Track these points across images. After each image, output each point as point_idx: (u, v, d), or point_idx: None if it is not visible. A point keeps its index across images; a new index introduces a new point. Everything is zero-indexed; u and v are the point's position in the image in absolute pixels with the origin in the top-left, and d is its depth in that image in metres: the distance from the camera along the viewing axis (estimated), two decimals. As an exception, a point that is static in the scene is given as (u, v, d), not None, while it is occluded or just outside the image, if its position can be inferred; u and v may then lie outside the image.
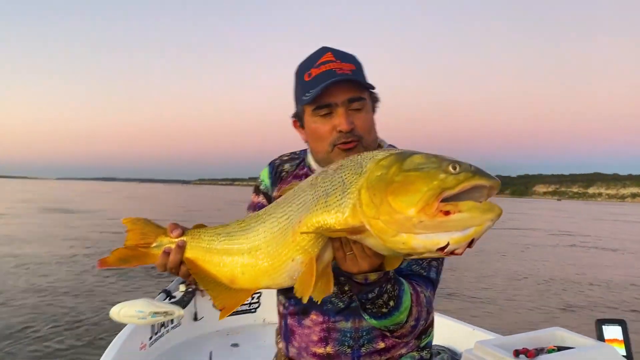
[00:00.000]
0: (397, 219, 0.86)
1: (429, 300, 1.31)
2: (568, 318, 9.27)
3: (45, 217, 28.35)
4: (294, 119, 1.49)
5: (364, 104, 1.38)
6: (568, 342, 2.38)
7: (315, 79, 1.34)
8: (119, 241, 4.54)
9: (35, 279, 10.55)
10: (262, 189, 1.66)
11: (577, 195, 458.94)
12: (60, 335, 6.83)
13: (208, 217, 30.64)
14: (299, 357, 1.54)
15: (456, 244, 0.85)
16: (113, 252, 1.23)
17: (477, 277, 13.22)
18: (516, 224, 36.67)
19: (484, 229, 0.86)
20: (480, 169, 0.89)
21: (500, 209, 0.86)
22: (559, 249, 20.93)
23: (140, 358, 3.43)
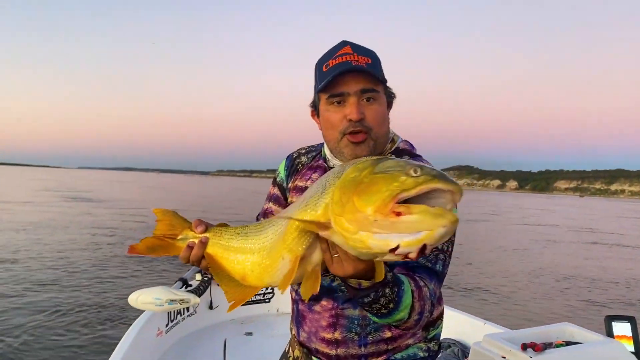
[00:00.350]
0: (357, 217, 0.88)
1: (432, 292, 1.32)
2: (580, 314, 9.25)
3: (69, 205, 28.89)
4: (312, 109, 1.54)
5: (377, 97, 1.41)
6: (577, 337, 2.38)
7: (331, 69, 1.38)
8: (141, 230, 4.70)
9: (60, 265, 10.79)
10: (278, 180, 1.73)
11: (599, 192, 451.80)
12: (81, 320, 7.00)
13: (230, 208, 31.17)
14: (309, 342, 1.59)
15: (406, 246, 0.85)
16: (142, 241, 1.28)
17: (492, 271, 13.19)
18: (538, 220, 36.42)
19: (436, 234, 0.84)
20: (444, 174, 0.88)
21: (455, 216, 0.85)
22: (578, 246, 20.74)
23: (157, 344, 3.51)
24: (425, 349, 1.54)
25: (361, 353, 1.49)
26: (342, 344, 1.49)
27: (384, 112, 1.45)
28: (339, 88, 1.38)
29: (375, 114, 1.40)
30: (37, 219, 19.99)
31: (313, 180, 1.59)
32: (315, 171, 1.62)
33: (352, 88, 1.37)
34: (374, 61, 1.41)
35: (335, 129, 1.42)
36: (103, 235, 15.97)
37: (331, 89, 1.40)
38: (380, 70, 1.42)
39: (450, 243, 1.40)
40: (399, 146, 1.53)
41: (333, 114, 1.42)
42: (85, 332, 6.53)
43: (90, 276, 9.82)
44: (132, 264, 11.04)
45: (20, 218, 19.99)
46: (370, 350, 1.48)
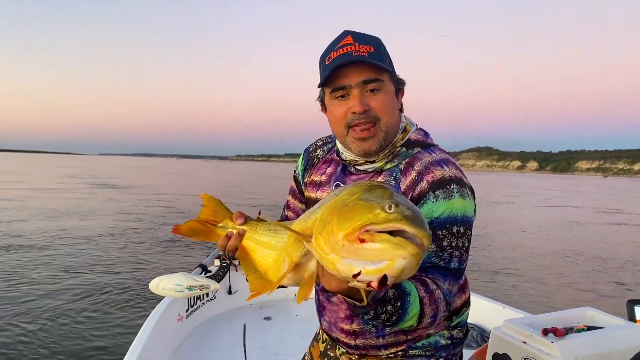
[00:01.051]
0: (330, 239, 0.90)
1: (447, 293, 1.29)
2: (601, 298, 9.16)
3: (97, 192, 29.51)
4: (320, 103, 1.51)
5: (382, 86, 1.36)
6: (598, 322, 2.36)
7: (332, 62, 1.34)
8: (168, 215, 4.78)
9: (87, 251, 11.06)
10: (296, 174, 1.73)
11: (622, 172, 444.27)
12: (104, 306, 7.15)
13: (252, 193, 31.32)
14: (330, 331, 1.60)
15: (367, 274, 0.85)
16: (187, 223, 1.32)
17: (513, 254, 13.12)
18: (562, 201, 35.83)
19: (397, 265, 0.84)
20: (417, 217, 0.88)
21: (416, 249, 0.84)
22: (603, 228, 20.47)
23: (177, 329, 3.57)
24: (447, 336, 1.51)
25: (380, 344, 1.48)
26: (360, 335, 1.49)
27: (391, 101, 1.39)
28: (341, 81, 1.35)
29: (382, 103, 1.36)
30: (66, 205, 20.45)
31: (327, 174, 1.58)
32: (330, 165, 1.60)
33: (354, 80, 1.34)
34: (376, 49, 1.36)
35: (341, 122, 1.40)
36: (130, 221, 16.32)
37: (333, 83, 1.36)
38: (384, 58, 1.37)
39: (466, 238, 1.34)
40: (410, 137, 1.46)
41: (338, 108, 1.39)
42: (108, 317, 6.68)
43: (116, 262, 10.01)
44: (155, 251, 11.29)
45: (50, 205, 20.45)
46: (389, 341, 1.47)
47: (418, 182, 1.35)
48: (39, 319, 6.49)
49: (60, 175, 49.66)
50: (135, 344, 2.79)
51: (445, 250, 1.30)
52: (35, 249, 11.05)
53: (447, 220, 1.30)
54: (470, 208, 1.36)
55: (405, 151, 1.43)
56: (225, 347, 3.56)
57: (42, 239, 12.35)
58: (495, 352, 2.28)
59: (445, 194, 1.31)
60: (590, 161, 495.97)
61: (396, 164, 1.42)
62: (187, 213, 19.12)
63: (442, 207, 1.30)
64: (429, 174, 1.35)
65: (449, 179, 1.33)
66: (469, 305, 1.59)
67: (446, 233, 1.30)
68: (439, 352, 1.49)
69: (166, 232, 14.19)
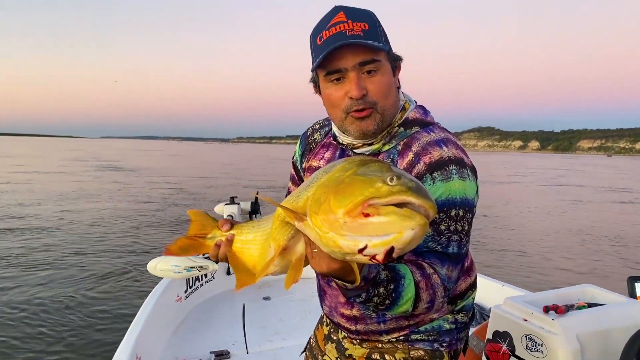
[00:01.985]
0: (329, 218, 0.88)
1: (445, 278, 1.24)
2: (601, 275, 9.15)
3: (102, 174, 29.75)
4: (313, 84, 1.43)
5: (379, 66, 1.28)
6: (599, 298, 2.36)
7: (325, 42, 1.26)
8: (174, 198, 4.80)
9: (94, 232, 11.23)
10: (294, 160, 1.68)
11: (623, 151, 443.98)
12: (104, 287, 7.22)
13: (258, 175, 31.74)
14: (331, 316, 1.57)
15: (374, 248, 0.83)
16: (176, 241, 1.32)
17: (516, 234, 13.12)
18: (566, 180, 35.75)
19: (405, 237, 0.83)
20: (420, 188, 0.87)
21: (424, 219, 0.83)
22: (608, 206, 20.46)
23: (176, 310, 3.57)
24: (452, 320, 1.45)
25: (381, 329, 1.44)
26: (361, 320, 1.45)
27: (388, 82, 1.32)
28: (335, 64, 1.27)
29: (379, 86, 1.29)
30: (74, 188, 20.71)
31: (325, 159, 1.52)
32: (328, 149, 1.54)
33: (350, 62, 1.26)
34: (371, 26, 1.28)
35: (338, 107, 1.32)
36: (139, 203, 16.57)
37: (327, 66, 1.28)
38: (379, 36, 1.29)
39: (466, 221, 1.28)
40: (408, 116, 1.39)
41: (333, 92, 1.31)
42: (108, 300, 6.70)
43: (121, 243, 10.13)
44: (163, 232, 11.45)
45: (58, 188, 20.68)
46: (391, 327, 1.43)
47: (415, 163, 1.29)
48: (36, 300, 6.56)
49: (65, 159, 49.94)
50: (133, 326, 2.78)
51: (442, 234, 1.25)
52: (41, 231, 11.17)
53: (445, 203, 1.24)
54: (471, 190, 1.29)
55: (403, 131, 1.36)
56: (224, 328, 3.55)
57: (52, 221, 12.51)
58: (496, 330, 2.27)
59: (443, 176, 1.25)
60: (592, 140, 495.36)
61: (394, 145, 1.36)
62: (197, 195, 19.34)
63: (440, 190, 1.24)
64: (427, 155, 1.29)
65: (447, 159, 1.27)
66: (475, 289, 1.54)
67: (444, 216, 1.24)
68: (442, 336, 1.44)
69: (173, 213, 14.32)
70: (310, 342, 1.75)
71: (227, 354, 3.15)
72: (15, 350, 5.14)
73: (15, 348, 5.18)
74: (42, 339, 5.41)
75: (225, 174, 32.91)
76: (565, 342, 1.96)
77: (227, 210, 3.70)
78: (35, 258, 8.72)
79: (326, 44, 1.25)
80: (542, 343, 2.03)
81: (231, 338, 3.39)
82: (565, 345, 1.95)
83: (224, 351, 3.16)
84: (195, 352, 3.13)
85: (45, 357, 4.98)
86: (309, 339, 1.77)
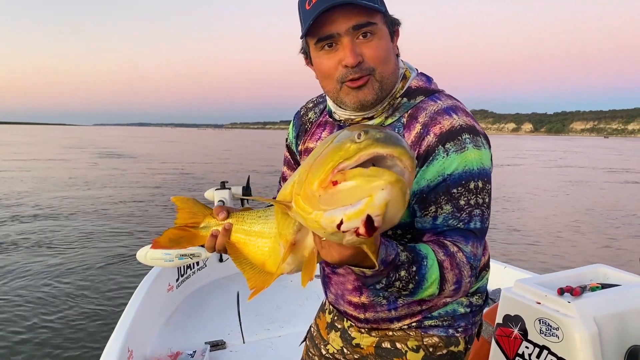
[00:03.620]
0: (307, 194, 0.81)
1: (470, 256, 1.15)
2: (610, 255, 9.01)
3: (103, 162, 29.69)
4: (304, 56, 1.29)
5: (375, 30, 1.15)
6: (612, 279, 2.29)
7: (314, 6, 1.13)
8: (174, 184, 4.65)
9: (99, 220, 11.22)
10: (288, 143, 1.57)
11: (616, 132, 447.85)
12: (93, 275, 7.10)
13: (257, 160, 31.88)
14: (337, 304, 1.47)
15: (349, 220, 0.75)
16: (165, 233, 1.22)
17: (521, 215, 13.05)
18: (567, 162, 35.90)
19: (377, 200, 0.73)
20: (391, 136, 0.78)
21: (394, 175, 0.73)
22: (612, 187, 20.45)
23: (168, 299, 3.46)
24: (466, 304, 1.36)
25: (392, 316, 1.34)
26: (370, 307, 1.35)
27: (386, 47, 1.19)
28: (327, 29, 1.14)
29: (376, 51, 1.16)
30: (78, 174, 20.95)
31: (322, 139, 1.39)
32: (325, 128, 1.41)
33: (342, 26, 1.13)
34: None
35: (332, 78, 1.19)
36: (141, 188, 16.72)
37: (317, 32, 1.15)
38: None
39: (486, 193, 1.19)
40: (411, 85, 1.27)
41: (325, 60, 1.18)
42: (99, 288, 6.58)
43: (117, 230, 10.07)
44: (159, 219, 11.38)
45: (60, 175, 20.82)
46: (402, 313, 1.34)
47: (424, 135, 1.18)
48: (21, 291, 6.46)
49: (60, 146, 50.12)
50: (123, 318, 2.69)
51: (463, 210, 1.15)
52: (61, 218, 11.22)
53: (463, 175, 1.15)
54: (487, 158, 1.19)
55: (407, 102, 1.24)
56: (219, 317, 3.47)
57: (52, 209, 12.49)
58: (507, 313, 2.19)
59: (457, 146, 1.15)
60: (584, 122, 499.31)
61: (398, 118, 1.24)
62: (203, 179, 19.36)
63: (455, 162, 1.14)
64: (436, 125, 1.17)
65: (459, 128, 1.16)
66: (489, 269, 1.44)
67: (462, 190, 1.15)
68: (457, 321, 1.34)
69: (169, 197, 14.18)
70: (310, 331, 1.65)
71: (222, 344, 3.06)
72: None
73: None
74: (28, 333, 5.27)
75: (225, 159, 33.20)
76: (582, 326, 1.87)
77: (217, 195, 3.59)
78: (22, 246, 8.69)
79: (315, 7, 1.12)
80: (557, 327, 1.95)
81: (226, 327, 3.30)
82: (582, 329, 1.86)
83: (220, 341, 3.07)
84: (190, 343, 3.02)
85: (33, 352, 4.84)
86: (310, 327, 1.67)
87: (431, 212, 1.16)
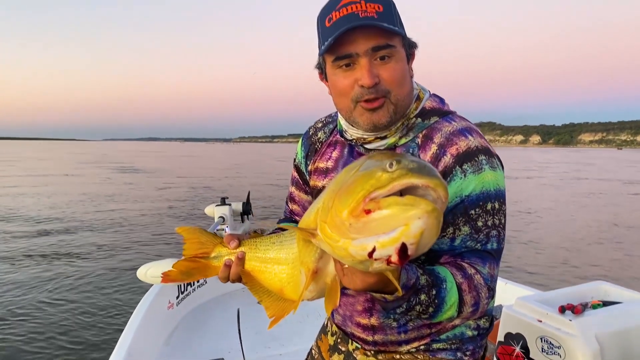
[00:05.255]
0: (335, 222, 0.80)
1: (487, 277, 1.17)
2: (612, 271, 8.72)
3: (121, 176, 30.19)
4: (319, 71, 1.31)
5: (393, 52, 1.17)
6: (613, 296, 2.28)
7: (335, 24, 1.14)
8: (192, 199, 4.74)
9: (108, 232, 11.45)
10: (296, 162, 1.57)
11: (625, 144, 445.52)
12: (94, 292, 7.07)
13: (268, 174, 32.16)
14: (344, 325, 1.44)
15: (383, 248, 0.75)
16: (175, 265, 1.20)
17: (535, 228, 12.92)
18: (583, 174, 35.45)
19: (413, 229, 0.73)
20: (425, 166, 0.78)
21: (431, 205, 0.73)
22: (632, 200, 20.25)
23: (168, 317, 3.43)
24: (474, 326, 1.35)
25: (401, 339, 1.33)
26: (380, 330, 1.34)
27: (403, 70, 1.20)
28: (346, 48, 1.15)
29: (392, 73, 1.17)
30: (96, 190, 21.36)
31: (333, 158, 1.41)
32: (335, 148, 1.42)
33: (362, 47, 1.14)
34: (386, 8, 1.16)
35: (347, 96, 1.20)
36: (154, 202, 17.00)
37: (336, 50, 1.16)
38: (394, 19, 1.17)
39: (502, 214, 1.21)
40: (425, 106, 1.28)
41: (342, 79, 1.19)
42: (101, 308, 6.52)
43: (132, 245, 10.15)
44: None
45: (86, 190, 21.23)
46: (411, 336, 1.32)
47: (441, 156, 1.19)
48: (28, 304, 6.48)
49: (75, 161, 50.96)
50: (123, 337, 2.67)
51: (481, 231, 1.17)
52: (83, 230, 11.51)
53: (480, 197, 1.17)
54: (502, 179, 1.22)
55: (421, 122, 1.26)
56: (219, 334, 3.43)
57: (71, 222, 12.82)
58: (508, 331, 2.18)
59: (474, 168, 1.17)
60: (593, 133, 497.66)
61: (412, 138, 1.25)
62: (224, 191, 19.30)
63: (473, 183, 1.17)
64: (453, 145, 1.19)
65: (475, 149, 1.18)
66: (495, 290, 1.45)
67: (480, 212, 1.17)
68: (465, 344, 1.33)
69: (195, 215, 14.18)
70: (312, 354, 1.62)
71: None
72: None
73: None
74: (25, 346, 5.28)
75: (237, 173, 33.93)
76: (584, 344, 1.87)
77: (218, 211, 3.57)
78: (32, 258, 8.83)
79: (336, 25, 1.14)
80: (559, 345, 1.94)
81: (226, 345, 3.26)
82: (584, 347, 1.86)
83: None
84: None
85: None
86: (310, 349, 1.65)
87: (449, 234, 1.17)
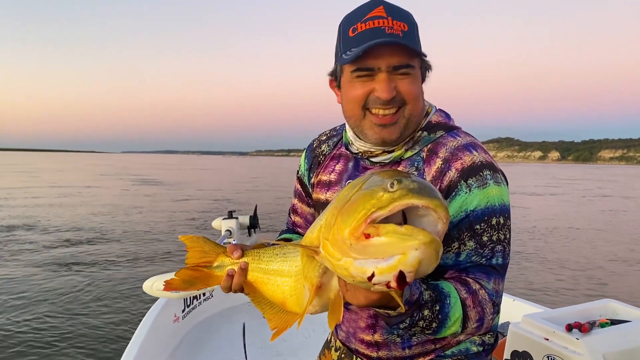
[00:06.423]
0: (337, 240, 0.80)
1: (492, 292, 1.16)
2: (616, 289, 8.70)
3: (138, 189, 30.67)
4: (331, 78, 1.32)
5: (412, 72, 1.18)
6: (622, 314, 2.25)
7: (360, 35, 1.15)
8: (212, 212, 4.87)
9: (126, 247, 11.49)
10: (299, 175, 1.57)
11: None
12: (101, 306, 7.07)
13: (287, 187, 31.86)
14: (348, 341, 1.43)
15: (381, 275, 0.75)
16: (177, 274, 1.20)
17: (559, 247, 12.79)
18: (610, 191, 35.39)
19: (410, 259, 0.73)
20: (426, 187, 0.78)
21: (429, 236, 0.73)
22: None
23: (173, 330, 3.42)
24: (479, 342, 1.33)
25: (406, 355, 1.31)
26: (384, 346, 1.32)
27: (418, 89, 1.22)
28: (369, 62, 1.15)
29: (410, 87, 1.18)
30: (119, 201, 21.85)
31: (336, 171, 1.41)
32: (338, 161, 1.42)
33: (384, 63, 1.15)
34: (410, 28, 1.17)
35: (358, 104, 1.20)
36: (173, 213, 17.47)
37: (358, 62, 1.16)
38: (417, 40, 1.20)
39: (507, 229, 1.20)
40: (431, 120, 1.29)
41: (359, 89, 1.19)
42: (106, 321, 6.50)
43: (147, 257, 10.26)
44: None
45: (113, 202, 21.73)
46: (416, 352, 1.30)
47: (446, 171, 1.20)
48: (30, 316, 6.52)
49: (94, 173, 52.16)
50: (129, 350, 2.66)
51: (485, 246, 1.17)
52: (100, 242, 11.66)
53: (485, 211, 1.17)
54: (507, 194, 1.22)
55: (426, 136, 1.26)
56: (224, 348, 3.41)
57: (105, 233, 13.04)
58: (515, 349, 2.14)
59: (479, 182, 1.17)
60: (613, 150, 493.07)
61: (417, 151, 1.26)
62: (245, 204, 19.66)
63: (477, 198, 1.17)
64: (457, 160, 1.20)
65: (480, 164, 1.19)
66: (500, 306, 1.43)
67: (485, 227, 1.17)
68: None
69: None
70: None
71: None
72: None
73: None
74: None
75: (256, 185, 34.80)
76: None
77: (225, 224, 3.56)
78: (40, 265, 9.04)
79: (361, 37, 1.14)
80: None
81: (232, 359, 3.24)
82: None
83: (224, 374, 3.01)
84: None
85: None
86: None
87: (454, 249, 1.16)
